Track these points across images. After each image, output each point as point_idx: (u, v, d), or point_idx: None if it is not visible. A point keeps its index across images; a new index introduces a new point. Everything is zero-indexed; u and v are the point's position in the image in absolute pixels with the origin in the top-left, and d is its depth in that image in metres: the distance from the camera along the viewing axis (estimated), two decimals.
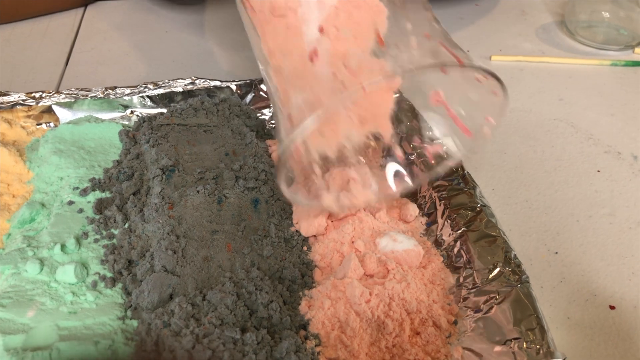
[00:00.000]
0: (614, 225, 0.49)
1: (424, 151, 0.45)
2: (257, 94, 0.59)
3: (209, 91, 0.58)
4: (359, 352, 0.37)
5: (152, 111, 0.57)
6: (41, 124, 0.56)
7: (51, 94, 0.57)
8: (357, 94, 0.35)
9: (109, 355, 0.35)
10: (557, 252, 0.47)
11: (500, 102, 0.38)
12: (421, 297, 0.40)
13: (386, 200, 0.45)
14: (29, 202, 0.47)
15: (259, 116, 0.58)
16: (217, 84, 0.59)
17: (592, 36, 0.73)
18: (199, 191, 0.45)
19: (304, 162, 0.41)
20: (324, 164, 0.42)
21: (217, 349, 0.34)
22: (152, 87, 0.58)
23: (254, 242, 0.43)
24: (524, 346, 0.35)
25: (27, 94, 0.57)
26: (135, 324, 0.38)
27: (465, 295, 0.41)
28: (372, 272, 0.41)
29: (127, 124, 0.56)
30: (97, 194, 0.48)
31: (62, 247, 0.42)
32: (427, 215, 0.47)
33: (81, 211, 0.46)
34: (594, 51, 0.72)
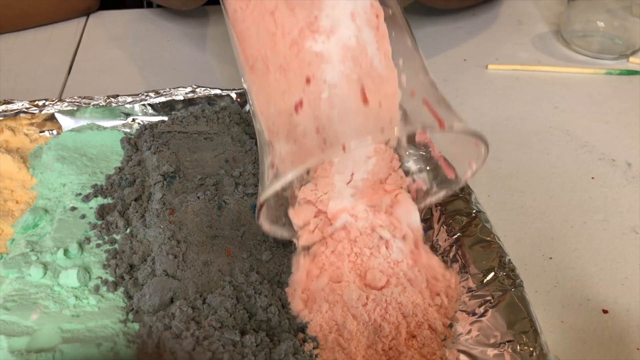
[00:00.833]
0: (608, 231, 0.50)
1: (409, 186, 0.45)
2: None
3: (210, 99, 0.59)
4: (356, 354, 0.38)
5: (153, 119, 0.58)
6: (44, 132, 0.57)
7: (54, 102, 0.58)
8: (338, 153, 0.36)
9: (111, 357, 0.36)
10: (551, 257, 0.48)
11: (482, 152, 0.39)
12: (417, 301, 0.40)
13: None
14: (33, 208, 0.47)
15: None
16: (218, 92, 0.59)
17: (587, 45, 0.74)
18: (199, 197, 0.46)
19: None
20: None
21: (217, 350, 0.35)
22: (153, 95, 0.59)
23: (253, 247, 0.44)
24: (518, 349, 0.36)
25: (31, 102, 0.57)
26: (136, 326, 0.39)
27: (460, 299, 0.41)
28: (372, 282, 0.42)
29: (128, 131, 0.57)
30: (99, 200, 0.48)
31: (65, 251, 0.43)
32: (424, 221, 0.48)
33: (83, 217, 0.47)
34: (589, 60, 0.73)
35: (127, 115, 0.58)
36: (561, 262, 0.47)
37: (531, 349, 0.36)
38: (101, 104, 0.58)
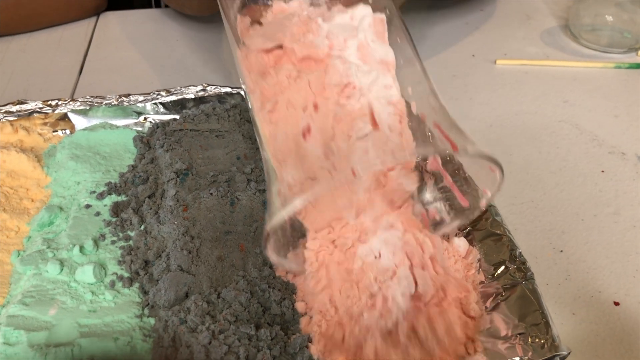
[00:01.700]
0: (619, 224, 0.50)
1: (422, 215, 0.44)
2: None
3: (220, 97, 0.59)
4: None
5: (164, 117, 0.58)
6: (57, 131, 0.58)
7: (67, 102, 0.58)
8: (347, 178, 0.34)
9: (127, 351, 0.37)
10: (562, 250, 0.48)
11: (497, 177, 0.37)
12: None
13: None
14: (48, 206, 0.48)
15: None
16: (228, 90, 0.60)
17: (596, 39, 0.74)
18: (212, 193, 0.46)
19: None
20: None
21: (233, 344, 0.35)
22: (164, 94, 0.59)
23: None
24: (529, 341, 0.36)
25: (44, 102, 0.58)
26: (152, 321, 0.39)
27: None
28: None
29: (140, 130, 0.58)
30: (113, 198, 0.49)
31: (81, 248, 0.44)
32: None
33: (98, 214, 0.48)
34: (598, 54, 0.73)
35: (139, 114, 0.59)
36: (572, 255, 0.48)
37: (543, 341, 0.36)
38: (113, 103, 0.58)
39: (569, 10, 0.78)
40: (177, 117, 0.57)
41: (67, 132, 0.57)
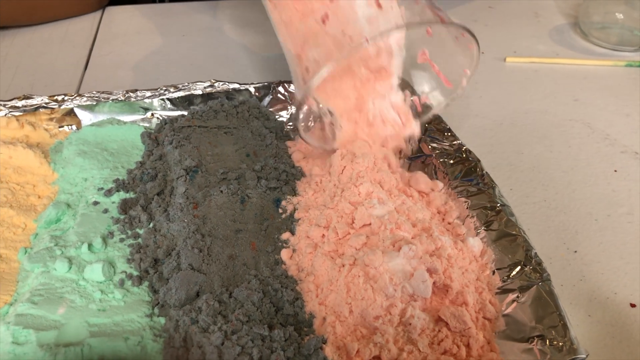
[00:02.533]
0: (633, 224, 0.49)
1: (414, 102, 0.53)
2: (275, 96, 0.60)
3: (228, 94, 0.59)
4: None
5: (172, 113, 0.58)
6: (63, 127, 0.57)
7: (73, 97, 0.58)
8: (362, 46, 0.42)
9: (138, 351, 0.36)
10: (576, 251, 0.47)
11: (474, 53, 0.47)
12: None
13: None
14: (55, 203, 0.47)
15: (278, 118, 0.58)
16: (236, 86, 0.59)
17: (606, 37, 0.73)
18: (222, 191, 0.45)
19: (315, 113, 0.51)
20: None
21: (246, 345, 0.35)
22: (172, 90, 0.59)
23: (277, 241, 0.44)
24: (547, 344, 0.36)
25: (50, 97, 0.57)
26: (162, 321, 0.39)
27: None
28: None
29: (147, 126, 0.57)
30: (122, 195, 0.48)
31: (89, 246, 0.43)
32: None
33: (106, 211, 0.47)
34: (608, 52, 0.73)
35: (146, 109, 0.58)
36: (586, 255, 0.47)
37: (561, 344, 0.35)
38: (120, 99, 0.58)
39: (579, 8, 0.77)
40: (185, 113, 0.57)
41: (74, 127, 0.57)
